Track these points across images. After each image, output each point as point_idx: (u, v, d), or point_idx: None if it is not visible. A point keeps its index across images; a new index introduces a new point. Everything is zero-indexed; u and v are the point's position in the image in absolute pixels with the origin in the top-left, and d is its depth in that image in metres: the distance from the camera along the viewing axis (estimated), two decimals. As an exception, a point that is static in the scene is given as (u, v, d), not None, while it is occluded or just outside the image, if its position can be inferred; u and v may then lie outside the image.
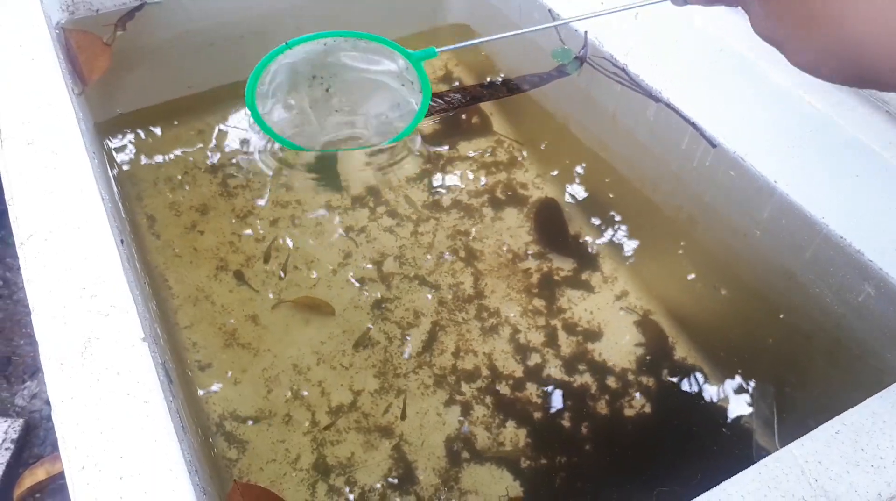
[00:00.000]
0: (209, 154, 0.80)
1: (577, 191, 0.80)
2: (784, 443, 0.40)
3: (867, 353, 0.61)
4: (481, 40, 0.89)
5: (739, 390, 0.64)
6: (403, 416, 0.61)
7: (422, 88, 0.64)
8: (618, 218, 0.77)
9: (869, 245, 0.60)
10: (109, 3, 0.82)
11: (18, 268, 1.16)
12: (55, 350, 0.38)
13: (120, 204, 0.69)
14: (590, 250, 0.75)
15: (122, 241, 0.49)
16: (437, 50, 0.63)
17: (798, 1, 0.28)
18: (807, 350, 0.66)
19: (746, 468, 0.39)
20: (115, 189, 0.71)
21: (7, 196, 0.45)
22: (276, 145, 0.81)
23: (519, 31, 0.72)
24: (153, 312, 0.57)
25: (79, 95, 0.69)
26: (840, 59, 0.28)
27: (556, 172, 0.82)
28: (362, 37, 0.63)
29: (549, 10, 0.86)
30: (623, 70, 0.78)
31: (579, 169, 0.82)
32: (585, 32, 0.81)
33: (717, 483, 0.38)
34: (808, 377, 0.65)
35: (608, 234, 0.76)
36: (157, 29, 0.83)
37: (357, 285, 0.70)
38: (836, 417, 0.38)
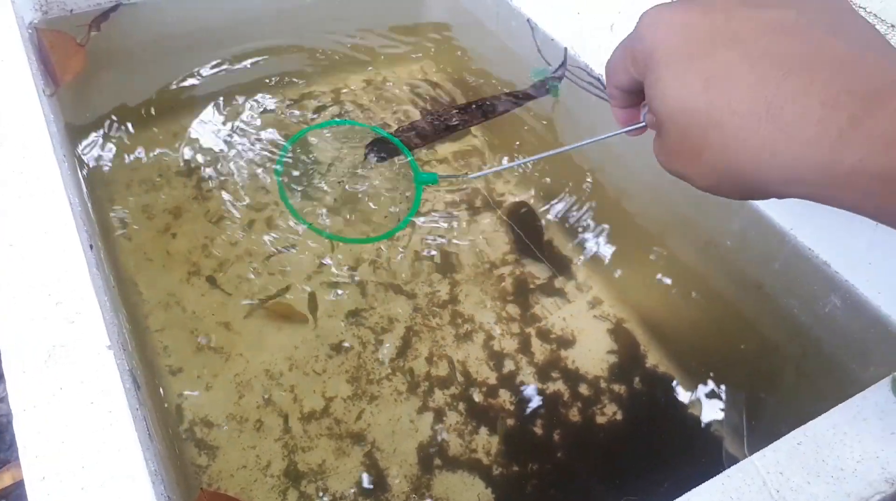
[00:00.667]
0: (184, 156, 0.80)
1: (553, 199, 0.80)
2: (753, 452, 0.40)
3: (833, 363, 0.62)
4: (498, 168, 0.82)
5: (710, 398, 0.65)
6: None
7: (412, 206, 0.68)
8: (593, 227, 0.77)
9: (835, 257, 0.61)
10: (84, 4, 0.81)
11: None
12: (18, 358, 0.38)
13: (90, 207, 0.68)
14: (564, 257, 0.75)
15: (91, 246, 0.48)
16: (439, 177, 0.69)
17: (684, 139, 0.30)
18: (776, 360, 0.67)
19: (714, 476, 0.39)
20: (85, 192, 0.70)
21: (-28, 200, 0.45)
22: (253, 151, 0.81)
23: (542, 154, 0.71)
24: (122, 317, 0.57)
25: (50, 96, 0.68)
26: (733, 181, 0.29)
27: (532, 180, 0.82)
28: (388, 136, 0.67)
29: (528, 20, 0.87)
30: (598, 80, 0.79)
31: (555, 177, 0.82)
32: (565, 49, 0.82)
33: (684, 492, 0.38)
34: (778, 386, 0.66)
35: (583, 242, 0.76)
36: (132, 30, 0.83)
37: (331, 290, 0.70)
38: (799, 428, 0.39)
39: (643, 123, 0.39)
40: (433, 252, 0.74)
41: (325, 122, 0.75)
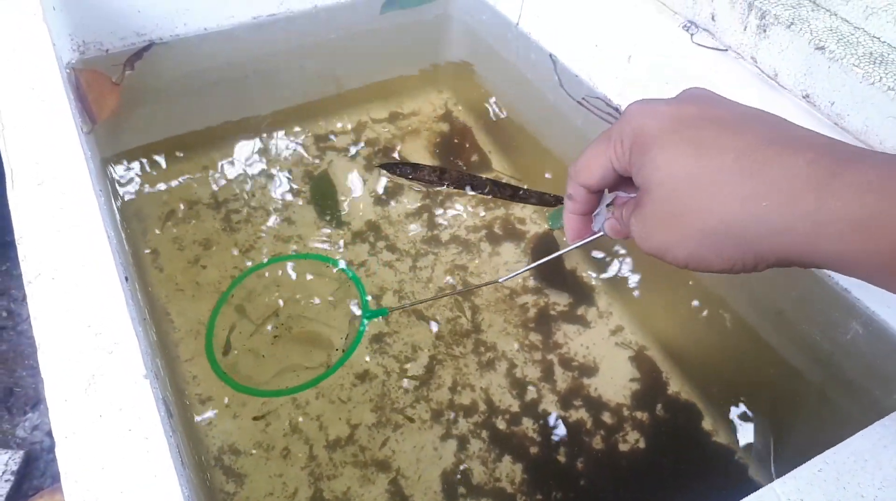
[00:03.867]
0: (213, 189, 0.82)
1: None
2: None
3: (857, 390, 0.62)
4: (429, 299, 0.76)
5: (733, 425, 0.65)
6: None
7: (351, 345, 0.67)
8: (613, 254, 0.78)
9: (855, 284, 0.61)
10: (119, 43, 0.85)
11: (22, 299, 1.18)
12: (60, 387, 0.39)
13: (125, 239, 0.71)
14: (586, 285, 0.76)
15: (126, 278, 0.50)
16: (389, 310, 0.69)
17: (671, 202, 0.32)
18: (799, 386, 0.67)
19: (736, 504, 0.40)
20: (119, 224, 0.72)
21: (17, 236, 0.47)
22: (278, 182, 0.83)
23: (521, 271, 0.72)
24: (155, 346, 0.58)
25: (88, 133, 0.71)
26: (716, 242, 0.31)
27: (552, 209, 0.83)
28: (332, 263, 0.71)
29: (550, 55, 0.89)
30: (616, 111, 0.80)
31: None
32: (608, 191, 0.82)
33: (707, 521, 0.39)
34: (802, 413, 0.66)
35: (604, 269, 0.77)
36: (164, 68, 0.86)
37: (356, 319, 0.71)
38: (820, 455, 0.39)
39: (600, 233, 0.42)
40: (456, 281, 0.75)
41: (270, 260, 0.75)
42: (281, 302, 0.71)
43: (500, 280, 0.70)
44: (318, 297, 0.72)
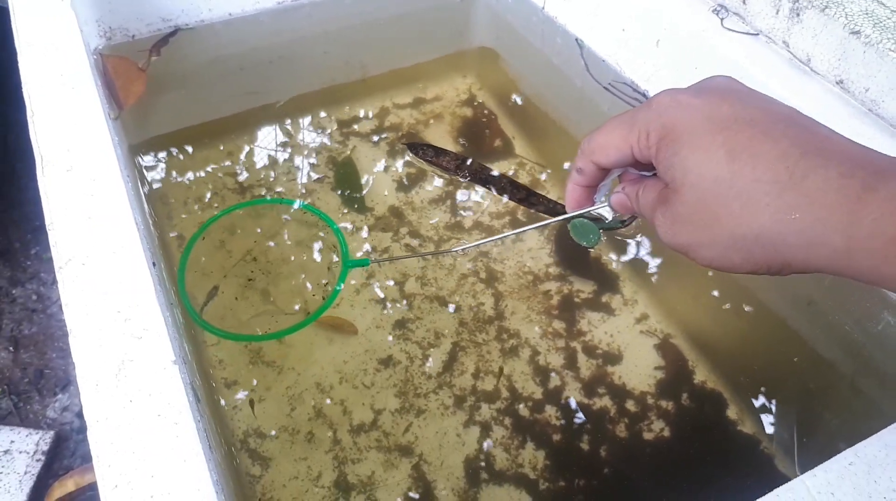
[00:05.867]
0: (238, 174, 0.83)
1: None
2: (804, 470, 0.40)
3: (888, 381, 0.61)
4: (443, 251, 0.78)
5: (760, 415, 0.65)
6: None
7: (332, 292, 0.68)
8: (638, 240, 0.78)
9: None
10: (145, 29, 0.85)
11: (51, 283, 1.20)
12: (91, 372, 0.40)
13: (151, 224, 0.72)
14: (610, 272, 0.75)
15: (153, 264, 0.50)
16: (371, 260, 0.69)
17: (702, 206, 0.32)
18: (829, 377, 0.66)
19: (762, 495, 0.39)
20: (146, 210, 0.73)
21: (47, 222, 0.47)
22: (303, 170, 0.83)
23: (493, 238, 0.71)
24: (182, 330, 0.59)
25: (115, 119, 0.71)
26: (747, 249, 0.31)
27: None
28: (315, 212, 0.72)
29: (576, 39, 0.88)
30: (643, 96, 0.79)
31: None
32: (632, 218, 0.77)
33: (732, 512, 0.38)
34: (830, 404, 0.65)
35: (629, 256, 0.77)
36: (190, 54, 0.86)
37: (380, 304, 0.72)
38: (850, 448, 0.39)
39: (605, 204, 0.41)
40: (479, 268, 0.75)
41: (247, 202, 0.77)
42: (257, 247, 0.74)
43: (459, 249, 0.70)
44: (298, 244, 0.74)
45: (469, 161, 0.84)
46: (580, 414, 0.64)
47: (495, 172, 0.83)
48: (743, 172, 0.30)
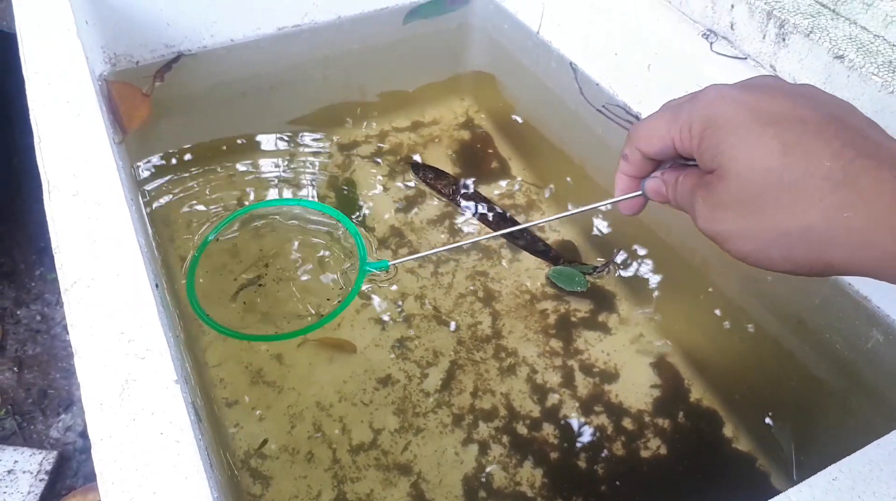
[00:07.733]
0: (240, 197, 0.84)
1: (594, 233, 0.82)
2: (799, 488, 0.41)
3: (880, 399, 0.62)
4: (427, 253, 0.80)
5: (754, 433, 0.65)
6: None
7: (349, 294, 0.69)
8: (634, 261, 0.79)
9: (875, 291, 0.61)
10: (149, 55, 0.87)
11: (56, 304, 1.21)
12: (96, 391, 0.41)
13: (155, 246, 0.73)
14: (607, 291, 0.77)
15: (156, 285, 0.52)
16: (390, 263, 0.68)
17: (748, 195, 0.31)
18: (821, 395, 0.67)
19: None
20: (150, 232, 0.74)
21: (54, 245, 0.49)
22: (304, 190, 0.85)
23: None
24: (184, 351, 0.60)
25: (119, 143, 0.73)
26: (789, 245, 0.30)
27: (576, 216, 0.84)
28: (333, 213, 0.74)
29: (570, 63, 0.90)
30: (636, 118, 0.81)
31: (600, 213, 0.84)
32: (615, 252, 0.79)
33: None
34: (824, 422, 0.66)
35: (624, 276, 0.78)
36: (192, 79, 0.88)
37: (379, 324, 0.73)
38: (835, 463, 0.39)
39: (640, 192, 0.40)
40: (477, 287, 0.76)
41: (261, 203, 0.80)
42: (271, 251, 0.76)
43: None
44: (313, 251, 0.76)
45: (466, 187, 0.85)
46: (580, 434, 0.65)
47: (484, 208, 0.84)
48: (796, 165, 0.29)
